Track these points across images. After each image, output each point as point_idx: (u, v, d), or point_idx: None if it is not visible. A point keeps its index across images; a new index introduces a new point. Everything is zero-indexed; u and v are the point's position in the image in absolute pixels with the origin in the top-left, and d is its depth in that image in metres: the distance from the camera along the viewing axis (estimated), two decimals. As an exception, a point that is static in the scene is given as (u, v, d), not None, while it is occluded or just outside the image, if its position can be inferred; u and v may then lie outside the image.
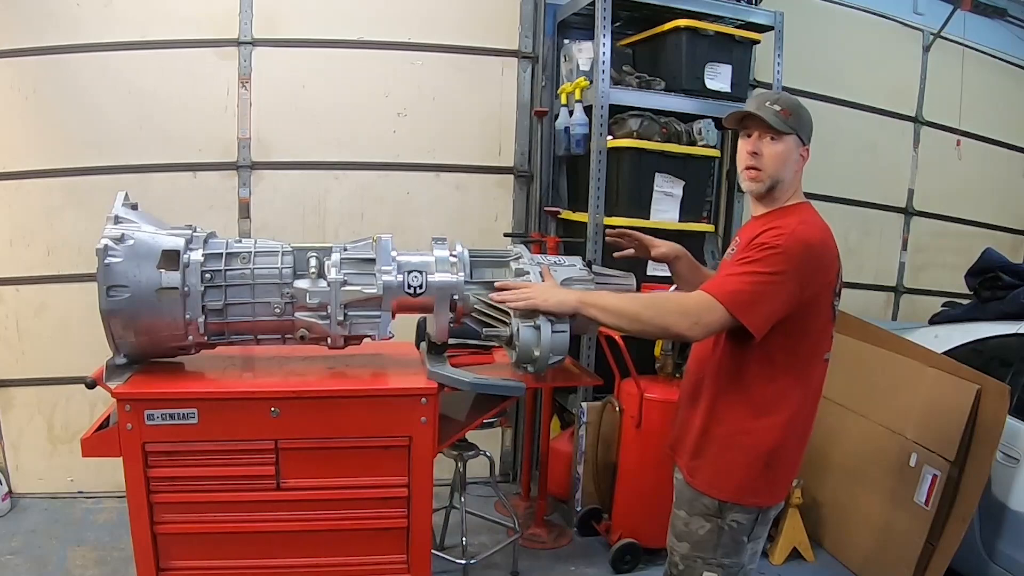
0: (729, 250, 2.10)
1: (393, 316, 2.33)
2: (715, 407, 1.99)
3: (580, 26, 4.05)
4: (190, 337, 2.22)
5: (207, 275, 2.19)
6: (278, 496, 2.23)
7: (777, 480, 1.99)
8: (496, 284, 2.25)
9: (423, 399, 2.25)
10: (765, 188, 1.96)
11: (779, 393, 1.92)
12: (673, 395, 3.34)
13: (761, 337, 1.84)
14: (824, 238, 1.90)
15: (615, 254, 2.47)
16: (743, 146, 1.99)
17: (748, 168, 1.97)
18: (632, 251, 2.41)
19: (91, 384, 2.15)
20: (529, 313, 2.16)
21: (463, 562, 3.15)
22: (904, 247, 5.23)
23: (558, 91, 4.03)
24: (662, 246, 2.33)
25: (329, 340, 2.30)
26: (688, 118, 3.75)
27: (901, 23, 4.99)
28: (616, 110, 3.65)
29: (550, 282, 2.24)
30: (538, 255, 2.50)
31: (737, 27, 3.87)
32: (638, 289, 2.59)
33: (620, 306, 1.94)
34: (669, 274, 2.42)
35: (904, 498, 3.21)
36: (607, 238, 2.50)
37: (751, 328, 1.82)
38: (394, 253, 2.33)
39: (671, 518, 2.12)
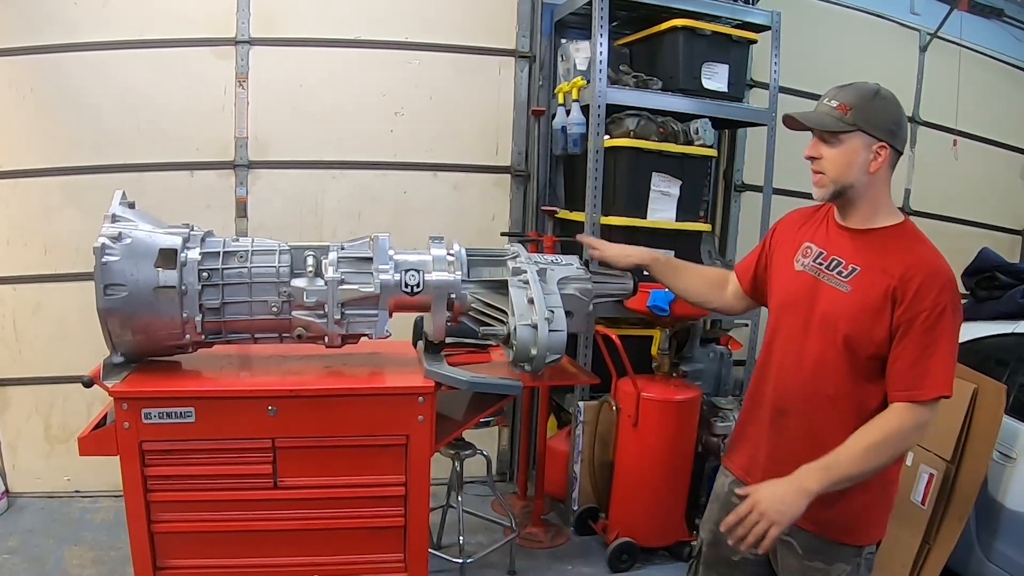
0: (806, 260, 1.90)
1: (390, 315, 2.34)
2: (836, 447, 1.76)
3: (577, 26, 4.05)
4: (187, 336, 2.22)
5: (204, 274, 2.19)
6: (275, 495, 2.23)
7: (892, 501, 1.93)
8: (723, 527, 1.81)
9: (420, 398, 2.26)
10: (830, 194, 1.81)
11: None
12: (670, 394, 3.37)
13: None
14: None
15: (591, 253, 2.44)
16: None
17: (813, 171, 1.85)
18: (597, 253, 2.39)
19: (88, 383, 2.16)
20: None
21: (460, 561, 3.15)
22: (901, 247, 5.23)
23: (555, 90, 4.03)
24: (632, 256, 2.26)
25: (326, 339, 2.30)
26: (685, 118, 3.75)
27: (898, 23, 4.99)
28: (613, 109, 3.65)
29: (771, 488, 1.72)
30: (535, 254, 2.50)
31: (734, 27, 3.87)
32: (635, 290, 2.58)
33: (864, 468, 1.71)
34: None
35: (901, 497, 3.21)
36: (578, 237, 2.45)
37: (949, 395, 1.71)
38: (391, 252, 2.33)
39: (797, 568, 1.89)
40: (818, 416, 1.84)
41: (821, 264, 1.87)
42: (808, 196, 1.96)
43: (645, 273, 2.38)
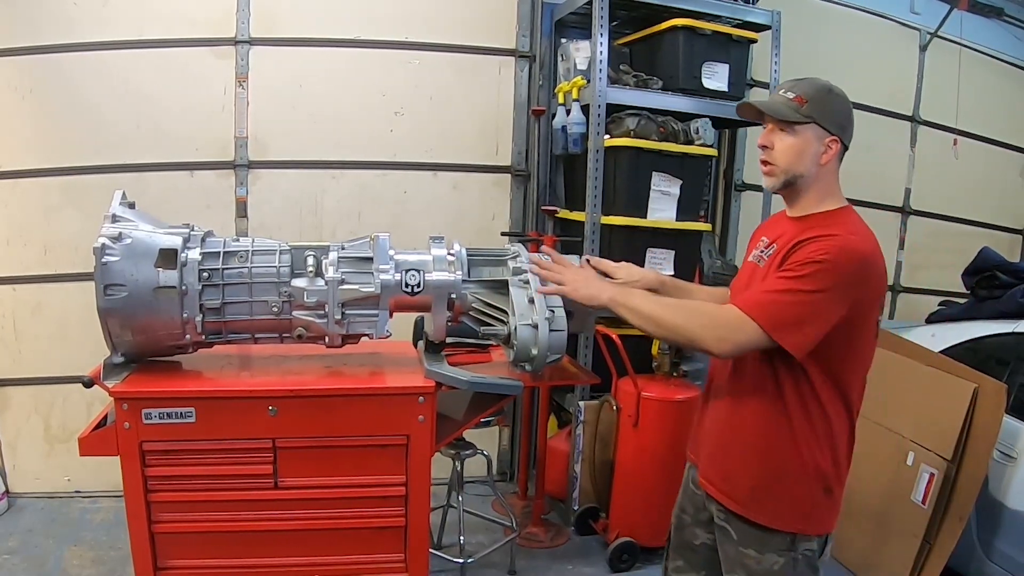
0: (756, 251, 1.96)
1: (391, 315, 2.33)
2: (767, 437, 1.84)
3: (577, 25, 4.05)
4: (187, 336, 2.22)
5: (204, 274, 2.19)
6: (276, 495, 2.23)
7: (837, 503, 1.89)
8: (531, 258, 2.11)
9: (420, 398, 2.26)
10: (780, 184, 1.86)
11: (825, 414, 1.80)
12: (670, 394, 3.37)
13: (803, 357, 1.72)
14: (875, 250, 1.77)
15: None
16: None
17: (761, 162, 1.89)
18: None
19: (88, 383, 2.15)
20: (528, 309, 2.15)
21: (461, 561, 3.15)
22: (901, 246, 5.24)
23: (555, 90, 4.02)
24: (621, 276, 2.14)
25: (327, 339, 2.30)
26: (685, 117, 3.75)
27: (898, 22, 5.00)
28: (613, 109, 3.64)
29: (589, 273, 2.05)
30: (535, 254, 2.50)
31: (734, 26, 3.87)
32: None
33: (651, 311, 1.83)
34: (670, 270, 2.40)
35: (901, 497, 3.21)
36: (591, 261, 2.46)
37: (792, 349, 1.69)
38: (392, 252, 2.33)
39: (732, 555, 1.92)
40: (733, 389, 1.90)
41: (764, 252, 1.92)
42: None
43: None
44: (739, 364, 1.88)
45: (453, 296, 2.33)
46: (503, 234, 3.98)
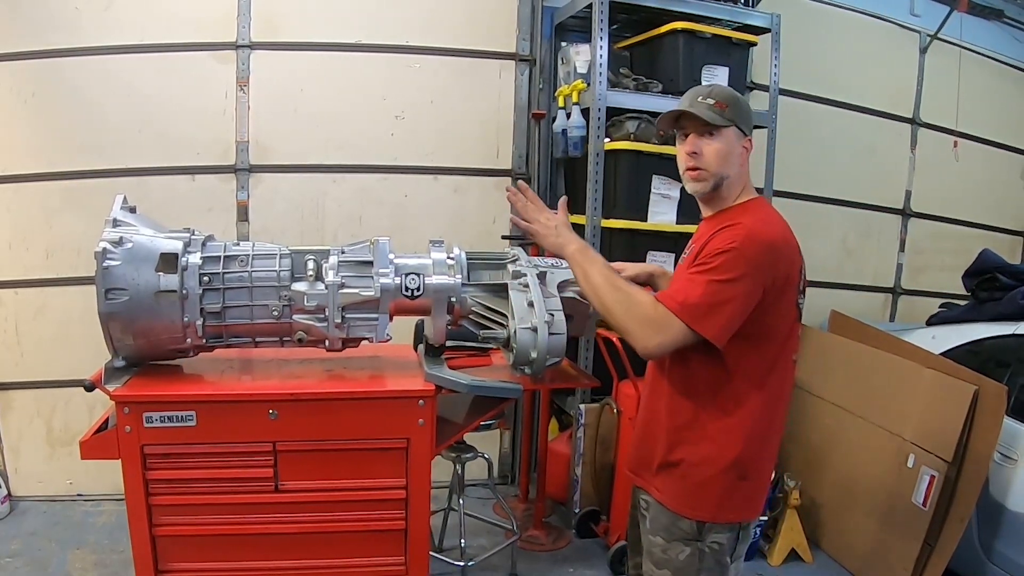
0: (684, 255, 2.02)
1: (391, 318, 2.34)
2: (675, 420, 1.89)
3: (577, 29, 4.06)
4: (188, 340, 2.23)
5: (205, 278, 2.20)
6: (276, 498, 2.23)
7: (753, 492, 1.91)
8: (508, 187, 2.10)
9: (421, 401, 2.26)
10: (711, 187, 1.90)
11: (736, 398, 1.83)
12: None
13: (723, 345, 1.76)
14: (784, 234, 1.83)
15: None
16: (681, 148, 1.93)
17: (689, 169, 1.91)
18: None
19: (90, 387, 2.16)
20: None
21: (461, 564, 3.15)
22: (902, 248, 5.23)
23: (556, 94, 4.03)
24: (627, 270, 2.21)
25: (327, 342, 2.30)
26: (686, 120, 3.75)
27: (898, 25, 5.00)
28: (613, 112, 3.65)
29: (561, 219, 2.01)
30: (535, 257, 2.51)
31: (734, 29, 3.87)
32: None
33: (599, 284, 1.85)
34: (670, 270, 2.41)
35: (902, 499, 3.21)
36: None
37: (714, 338, 1.73)
38: (392, 256, 2.34)
39: (645, 544, 1.99)
40: (653, 376, 1.99)
41: (686, 255, 1.99)
42: (807, 197, 1.99)
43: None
44: (661, 360, 1.94)
45: (453, 300, 2.34)
46: (504, 237, 3.99)
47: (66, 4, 3.61)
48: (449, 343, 2.46)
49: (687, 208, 3.75)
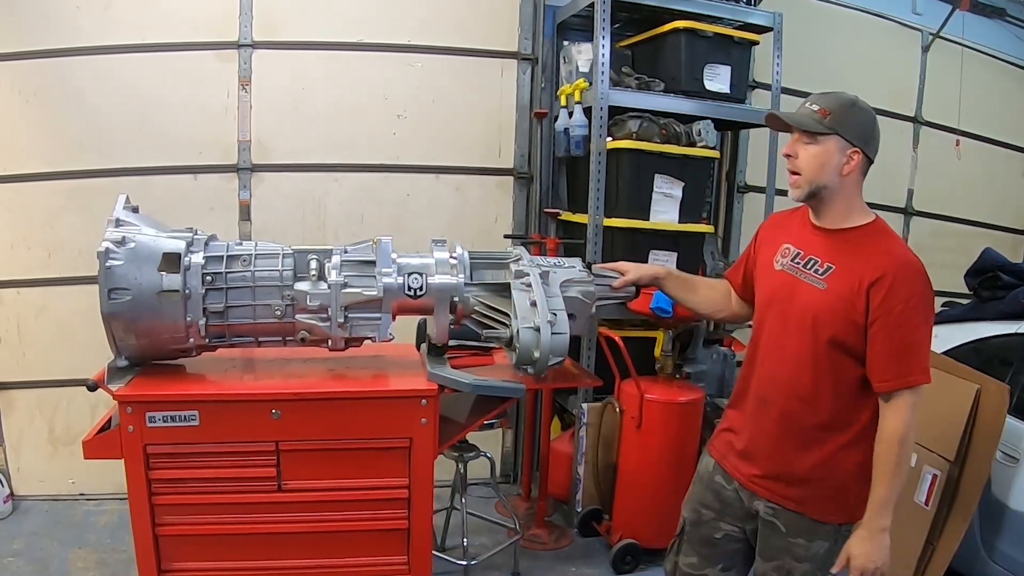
0: (783, 259, 2.01)
1: (393, 318, 2.34)
2: (820, 440, 1.93)
3: (579, 27, 4.05)
4: (191, 339, 2.23)
5: (208, 278, 2.20)
6: (279, 498, 2.24)
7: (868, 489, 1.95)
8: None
9: (423, 400, 2.26)
10: (806, 193, 1.90)
11: (860, 410, 1.91)
12: (673, 396, 3.37)
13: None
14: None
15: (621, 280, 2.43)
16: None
17: (788, 171, 1.94)
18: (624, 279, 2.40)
19: (92, 386, 2.17)
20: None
21: (464, 563, 3.15)
22: (904, 247, 5.23)
23: (558, 93, 4.03)
24: (631, 272, 2.32)
25: (330, 342, 2.30)
26: (687, 119, 3.75)
27: (900, 23, 4.99)
28: (615, 111, 3.65)
29: (859, 546, 1.90)
30: (538, 256, 2.51)
31: (736, 28, 3.87)
32: (637, 292, 2.57)
33: (902, 475, 1.87)
34: (674, 269, 2.42)
35: (904, 498, 3.21)
36: (596, 267, 2.52)
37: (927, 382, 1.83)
38: (394, 255, 2.34)
39: (781, 545, 1.99)
40: (794, 408, 1.96)
41: (799, 264, 1.98)
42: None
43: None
44: (801, 378, 1.94)
45: (455, 299, 2.34)
46: (506, 236, 3.99)
47: (67, 4, 3.61)
48: (452, 342, 2.47)
49: (688, 207, 3.75)
